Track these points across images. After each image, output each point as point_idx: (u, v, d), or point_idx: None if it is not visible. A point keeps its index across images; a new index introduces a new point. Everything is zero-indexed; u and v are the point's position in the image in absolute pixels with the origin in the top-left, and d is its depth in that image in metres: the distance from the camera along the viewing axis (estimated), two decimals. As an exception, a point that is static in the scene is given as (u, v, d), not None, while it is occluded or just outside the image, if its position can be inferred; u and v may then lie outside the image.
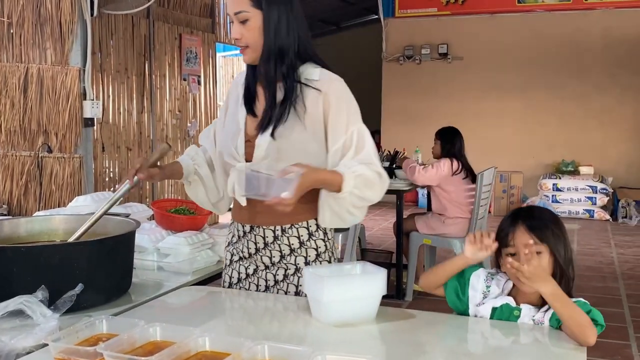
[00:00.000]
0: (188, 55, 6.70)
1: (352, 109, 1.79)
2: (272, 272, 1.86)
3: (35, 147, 4.21)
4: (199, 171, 1.95)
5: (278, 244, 1.84)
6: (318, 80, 1.78)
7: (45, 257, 1.66)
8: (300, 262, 1.84)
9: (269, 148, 1.75)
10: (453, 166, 4.58)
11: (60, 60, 4.11)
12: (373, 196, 1.76)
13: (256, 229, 1.85)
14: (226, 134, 1.87)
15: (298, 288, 1.84)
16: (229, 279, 1.95)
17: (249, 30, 1.74)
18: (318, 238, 1.85)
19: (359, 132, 1.77)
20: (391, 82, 9.56)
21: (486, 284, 1.78)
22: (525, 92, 8.90)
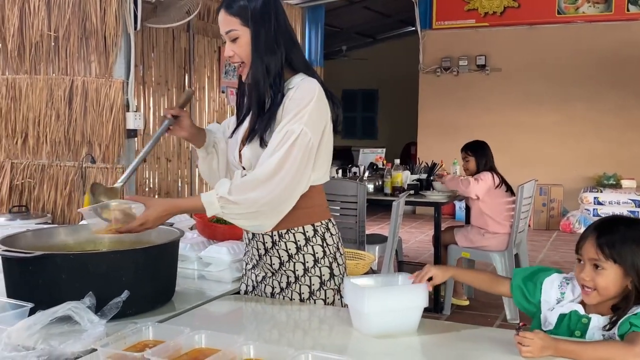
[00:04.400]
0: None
1: (305, 110, 1.76)
2: (277, 279, 1.91)
3: (79, 158, 4.30)
4: (217, 144, 2.06)
5: (277, 250, 1.88)
6: (292, 87, 1.83)
7: (93, 265, 1.70)
8: (299, 269, 1.87)
9: (251, 157, 1.83)
10: (495, 180, 4.53)
11: (104, 72, 4.21)
12: (239, 206, 1.72)
13: (257, 235, 1.91)
14: (231, 142, 1.98)
15: (302, 296, 1.88)
16: (245, 286, 2.03)
17: (240, 47, 1.83)
18: (316, 244, 1.88)
19: (288, 132, 1.74)
20: (428, 94, 9.53)
21: (560, 290, 1.74)
22: (565, 103, 8.77)
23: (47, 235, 2.06)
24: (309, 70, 1.89)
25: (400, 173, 4.75)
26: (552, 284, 1.76)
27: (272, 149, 1.75)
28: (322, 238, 1.90)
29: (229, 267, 2.20)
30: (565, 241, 7.73)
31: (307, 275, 1.88)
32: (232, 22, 1.81)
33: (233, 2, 1.82)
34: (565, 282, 1.75)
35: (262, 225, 1.81)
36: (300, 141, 1.74)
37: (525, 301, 1.79)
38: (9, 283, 1.77)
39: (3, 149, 4.52)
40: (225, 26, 1.83)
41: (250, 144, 1.84)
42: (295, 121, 1.76)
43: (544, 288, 1.76)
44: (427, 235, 7.93)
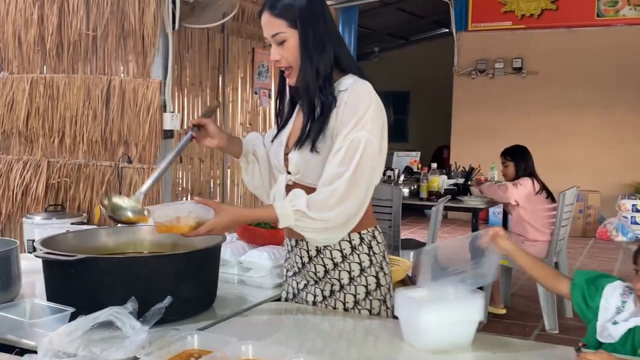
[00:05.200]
0: (260, 69, 6.75)
1: (365, 116, 1.70)
2: (320, 287, 1.85)
3: (116, 158, 4.30)
4: (257, 152, 1.98)
5: (321, 258, 1.82)
6: (345, 90, 1.75)
7: (135, 269, 1.66)
8: (345, 277, 1.81)
9: (299, 163, 1.76)
10: (535, 186, 4.42)
11: (141, 72, 4.19)
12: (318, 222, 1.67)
13: (301, 243, 1.85)
14: (274, 146, 1.91)
15: (346, 305, 1.81)
16: (286, 294, 1.97)
17: (287, 51, 1.75)
18: (362, 252, 1.81)
19: (354, 140, 1.68)
20: (462, 97, 9.39)
21: (622, 298, 1.65)
22: (603, 108, 8.56)
23: (87, 236, 2.03)
24: (358, 70, 1.82)
25: (437, 177, 4.66)
26: (614, 290, 1.67)
27: (339, 160, 1.69)
28: (369, 246, 1.83)
29: (270, 272, 2.15)
30: (603, 249, 7.53)
31: (352, 284, 1.82)
32: (278, 25, 1.74)
33: (277, 2, 1.74)
34: (628, 291, 1.65)
35: (332, 239, 1.78)
36: (367, 150, 1.69)
37: (584, 304, 1.70)
38: (50, 286, 1.74)
39: (40, 147, 4.54)
40: (271, 29, 1.75)
41: (300, 149, 1.78)
42: (358, 129, 1.69)
43: (605, 293, 1.67)
44: (460, 241, 7.80)
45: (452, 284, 1.63)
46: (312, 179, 1.77)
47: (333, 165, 1.70)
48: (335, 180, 1.69)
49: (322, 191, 1.69)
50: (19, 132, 4.57)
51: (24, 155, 4.60)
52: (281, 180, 1.84)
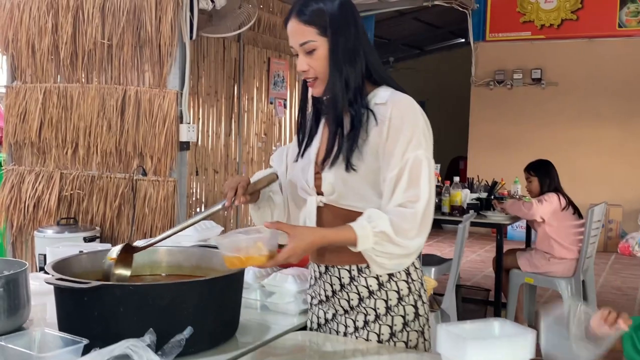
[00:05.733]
0: (275, 79, 6.66)
1: (416, 132, 1.59)
2: (352, 317, 1.70)
3: (130, 170, 4.19)
4: (272, 197, 1.84)
5: (355, 286, 1.68)
6: (384, 104, 1.62)
7: (154, 297, 1.53)
8: (381, 307, 1.66)
9: (335, 182, 1.62)
10: (561, 201, 4.26)
11: (158, 82, 4.09)
12: (402, 249, 1.56)
13: (331, 270, 1.71)
14: (298, 166, 1.75)
15: (380, 337, 1.66)
16: (311, 323, 1.82)
17: (317, 60, 1.62)
18: (400, 279, 1.67)
19: (416, 160, 1.57)
20: (480, 108, 9.24)
21: None
22: (625, 120, 8.38)
23: (101, 258, 1.90)
24: (392, 81, 1.69)
25: (460, 191, 4.51)
26: None
27: (405, 182, 1.57)
28: (407, 273, 1.69)
29: (295, 298, 2.01)
30: (625, 265, 7.34)
31: (389, 314, 1.67)
32: (308, 33, 1.61)
33: (305, 8, 1.61)
34: None
35: (400, 266, 1.65)
36: (429, 170, 1.58)
37: (635, 354, 1.56)
38: (62, 314, 1.61)
39: (53, 158, 4.45)
40: (299, 37, 1.62)
41: (333, 167, 1.64)
42: (414, 147, 1.57)
43: None
44: (478, 255, 7.65)
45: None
46: (351, 200, 1.64)
47: (400, 190, 1.57)
48: (411, 205, 1.56)
49: (403, 215, 1.56)
50: (32, 143, 4.48)
51: (36, 166, 4.50)
52: (311, 202, 1.69)
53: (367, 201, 1.62)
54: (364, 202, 1.62)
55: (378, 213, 1.56)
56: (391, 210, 1.57)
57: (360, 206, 1.62)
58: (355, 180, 1.62)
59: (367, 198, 1.63)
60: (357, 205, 1.62)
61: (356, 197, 1.63)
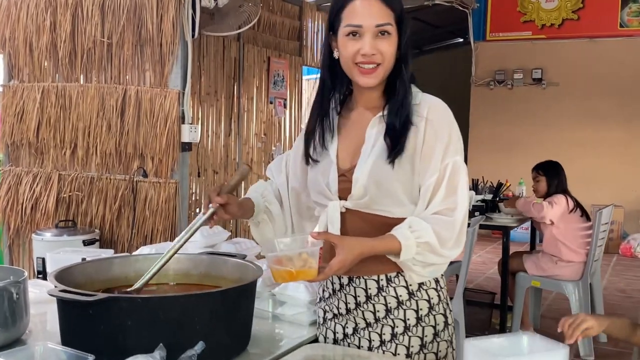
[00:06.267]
0: (275, 79, 6.58)
1: (452, 138, 1.54)
2: (377, 330, 1.60)
3: (131, 171, 4.10)
4: (269, 209, 1.74)
5: (383, 296, 1.58)
6: (418, 104, 1.55)
7: (163, 310, 1.45)
8: (411, 317, 1.58)
9: (368, 185, 1.53)
10: (569, 203, 4.20)
11: (159, 82, 4.00)
12: (442, 259, 1.51)
13: (356, 281, 1.60)
14: (317, 169, 1.63)
15: (410, 350, 1.57)
16: (324, 339, 1.71)
17: (388, 46, 1.51)
18: (430, 287, 1.59)
19: (454, 166, 1.51)
20: (480, 108, 9.17)
21: None
22: (627, 121, 8.33)
23: (105, 266, 1.82)
24: (415, 81, 1.61)
25: (466, 194, 4.43)
26: None
27: (444, 189, 1.50)
28: (436, 280, 1.61)
29: (307, 308, 1.93)
30: (627, 266, 7.29)
31: (419, 325, 1.58)
32: (387, 15, 1.51)
33: None
34: None
35: (435, 274, 1.59)
36: (465, 177, 1.53)
37: None
38: (65, 328, 1.53)
39: (51, 159, 4.36)
40: (378, 17, 1.49)
41: (366, 170, 1.54)
42: (453, 152, 1.52)
43: None
44: (480, 257, 7.59)
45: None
46: (384, 205, 1.54)
47: (440, 197, 1.51)
48: (449, 213, 1.50)
49: (444, 223, 1.49)
50: (29, 143, 4.39)
51: (34, 167, 4.41)
52: (333, 208, 1.58)
53: (399, 206, 1.54)
54: (396, 207, 1.54)
55: (419, 222, 1.49)
56: (430, 218, 1.50)
57: (392, 211, 1.54)
58: (390, 182, 1.53)
59: (400, 203, 1.55)
60: (389, 210, 1.54)
61: (389, 202, 1.54)
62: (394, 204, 1.54)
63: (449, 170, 1.50)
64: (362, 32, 1.51)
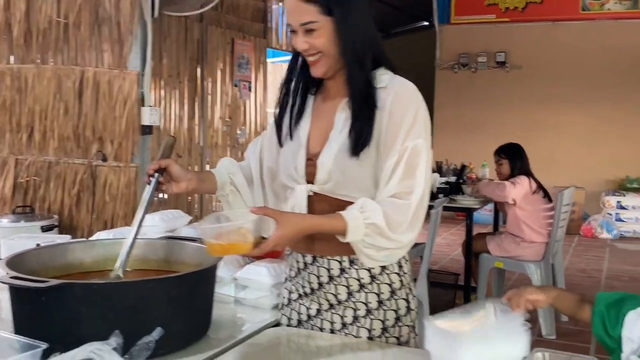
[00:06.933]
0: (240, 61, 6.50)
1: (417, 120, 1.50)
2: (339, 312, 1.60)
3: (89, 155, 4.00)
4: (233, 180, 1.72)
5: (345, 278, 1.58)
6: (385, 88, 1.52)
7: (119, 296, 1.41)
8: (373, 301, 1.57)
9: (333, 170, 1.52)
10: (531, 185, 4.25)
11: (117, 63, 3.90)
12: (393, 243, 1.47)
13: (319, 260, 1.59)
14: (286, 151, 1.63)
15: (371, 333, 1.57)
16: (288, 320, 1.70)
17: (317, 39, 1.51)
18: (392, 272, 1.59)
19: (415, 149, 1.48)
20: (444, 91, 9.22)
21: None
22: (588, 104, 8.46)
23: (60, 252, 1.77)
24: (390, 63, 1.58)
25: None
26: (639, 318, 1.46)
27: (401, 172, 1.48)
28: (399, 265, 1.60)
29: (270, 291, 1.90)
30: (588, 247, 7.45)
31: (381, 309, 1.58)
32: (310, 12, 1.48)
33: None
34: None
35: (390, 259, 1.56)
36: (428, 160, 1.50)
37: (604, 333, 1.49)
38: (18, 315, 1.48)
39: (7, 143, 4.23)
40: (301, 17, 1.49)
41: (332, 153, 1.53)
42: (415, 135, 1.48)
43: (627, 322, 1.45)
44: (444, 239, 7.66)
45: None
46: (349, 190, 1.53)
47: (396, 179, 1.48)
48: (405, 196, 1.47)
49: (397, 206, 1.47)
50: (-17, 128, 4.25)
51: (-11, 152, 4.28)
52: (300, 192, 1.57)
53: (364, 192, 1.52)
54: (361, 192, 1.52)
55: (371, 203, 1.47)
56: (384, 200, 1.48)
57: (356, 196, 1.51)
58: (355, 169, 1.52)
59: (365, 189, 1.53)
60: (354, 196, 1.52)
61: (354, 188, 1.53)
62: (358, 189, 1.53)
63: (407, 153, 1.48)
64: (293, 29, 1.53)
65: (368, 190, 1.53)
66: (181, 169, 1.60)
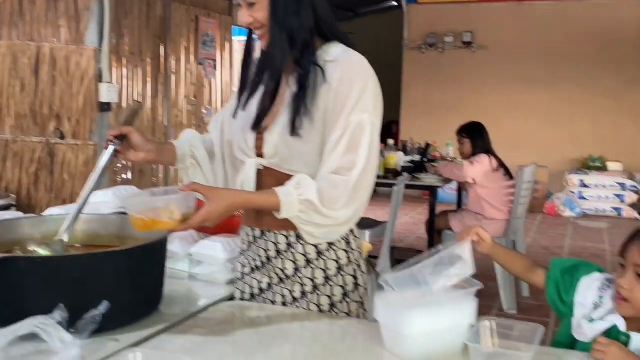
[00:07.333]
0: (205, 39, 6.40)
1: (364, 94, 1.48)
2: (288, 287, 1.60)
3: (47, 133, 3.92)
4: (195, 153, 1.70)
5: (292, 253, 1.58)
6: (334, 62, 1.51)
7: (64, 270, 1.38)
8: (319, 277, 1.57)
9: (278, 144, 1.51)
10: (492, 163, 4.29)
11: (74, 39, 3.82)
12: (328, 220, 1.46)
13: (267, 234, 1.59)
14: (238, 124, 1.62)
15: (320, 308, 1.58)
16: (241, 294, 1.70)
17: (258, 12, 1.50)
18: (339, 248, 1.58)
19: (360, 124, 1.47)
20: (412, 72, 9.24)
21: (600, 294, 1.46)
22: (553, 84, 8.57)
23: (8, 227, 1.72)
24: (345, 38, 1.56)
25: (394, 154, 4.48)
26: (591, 284, 1.49)
27: (344, 148, 1.46)
28: (347, 241, 1.60)
29: (224, 266, 1.89)
30: (552, 225, 7.58)
31: (328, 285, 1.58)
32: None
33: None
34: (606, 284, 1.48)
35: (331, 236, 1.55)
36: (374, 136, 1.48)
37: (558, 298, 1.53)
38: (-40, 291, 1.44)
39: (-39, 121, 4.13)
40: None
41: (277, 128, 1.52)
42: (360, 110, 1.46)
43: (580, 287, 1.49)
44: (411, 218, 7.72)
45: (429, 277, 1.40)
46: (295, 166, 1.52)
47: (337, 155, 1.46)
48: (345, 172, 1.46)
49: (334, 183, 1.45)
50: (-64, 105, 4.13)
51: (-57, 130, 4.17)
52: (250, 165, 1.56)
53: (311, 167, 1.51)
54: (307, 167, 1.51)
55: (307, 179, 1.46)
56: (323, 176, 1.47)
57: (303, 171, 1.50)
58: (301, 145, 1.51)
59: (312, 164, 1.52)
60: (302, 171, 1.50)
61: (300, 163, 1.52)
62: (304, 164, 1.51)
63: (351, 128, 1.46)
64: (239, 3, 1.54)
65: (315, 165, 1.51)
66: (142, 138, 1.57)
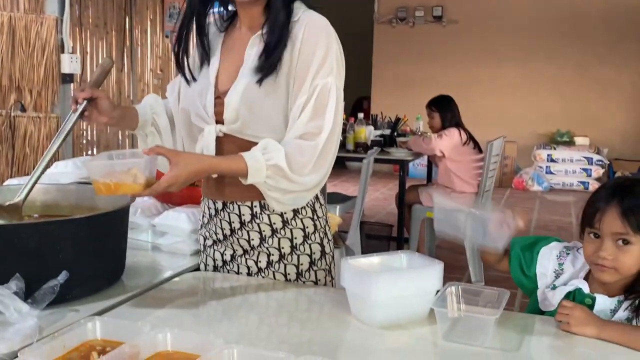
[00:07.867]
0: (171, 11, 6.29)
1: (328, 57, 1.45)
2: (254, 258, 1.57)
3: (7, 106, 3.81)
4: (157, 121, 1.65)
5: (257, 224, 1.54)
6: (297, 21, 1.47)
7: (20, 238, 1.34)
8: (286, 246, 1.55)
9: (240, 108, 1.46)
10: (462, 136, 4.30)
11: (34, 8, 3.69)
12: (296, 185, 1.44)
13: (230, 206, 1.56)
14: (193, 90, 1.56)
15: (287, 277, 1.56)
16: (204, 267, 1.67)
17: None
18: (305, 216, 1.56)
19: (324, 88, 1.44)
20: (383, 46, 9.19)
21: (559, 261, 1.48)
22: (522, 59, 8.61)
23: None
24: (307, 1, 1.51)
25: (364, 128, 4.45)
26: (550, 253, 1.50)
27: (310, 113, 1.43)
28: (312, 209, 1.57)
29: (189, 237, 1.86)
30: (520, 199, 7.67)
31: (294, 253, 1.56)
32: None
33: None
34: (565, 252, 1.50)
35: (298, 202, 1.52)
36: (338, 100, 1.45)
37: (521, 274, 1.54)
38: None
39: None
40: None
41: (239, 92, 1.46)
42: (325, 74, 1.43)
43: (540, 258, 1.51)
44: (382, 193, 7.74)
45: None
46: (258, 130, 1.47)
47: (303, 120, 1.43)
48: (311, 137, 1.42)
49: (301, 148, 1.42)
50: None
51: None
52: (209, 132, 1.50)
53: (274, 132, 1.47)
54: (271, 133, 1.47)
55: (274, 144, 1.43)
56: (290, 141, 1.44)
57: (266, 137, 1.46)
58: (264, 106, 1.46)
59: (276, 129, 1.48)
60: (264, 137, 1.46)
61: (263, 127, 1.47)
62: (267, 129, 1.47)
63: (317, 92, 1.43)
64: None
65: (279, 130, 1.48)
66: (110, 105, 1.51)
